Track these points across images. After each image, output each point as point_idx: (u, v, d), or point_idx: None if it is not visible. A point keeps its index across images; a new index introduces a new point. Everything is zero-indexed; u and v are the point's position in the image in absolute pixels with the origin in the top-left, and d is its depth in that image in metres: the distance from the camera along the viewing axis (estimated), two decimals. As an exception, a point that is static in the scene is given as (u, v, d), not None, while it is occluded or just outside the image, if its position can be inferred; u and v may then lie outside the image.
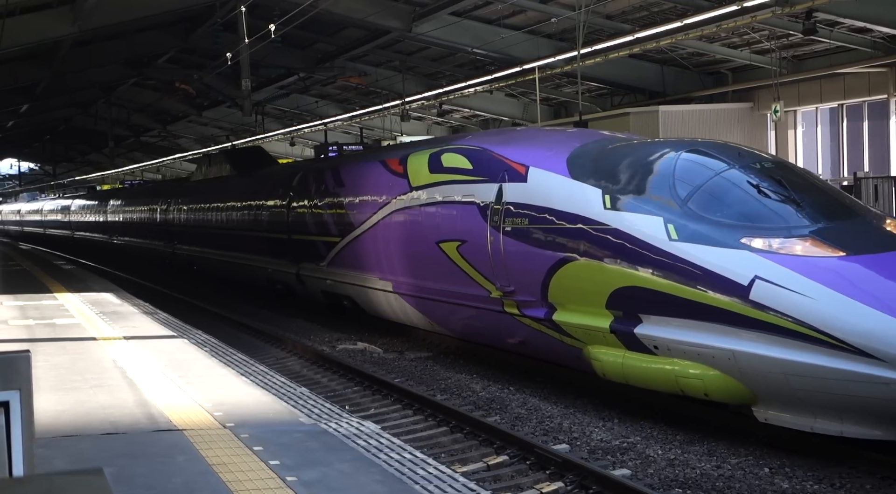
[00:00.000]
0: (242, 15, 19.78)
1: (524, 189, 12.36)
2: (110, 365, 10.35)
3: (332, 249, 18.67)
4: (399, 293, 15.88)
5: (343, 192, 18.48)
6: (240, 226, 25.81)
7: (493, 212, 12.80)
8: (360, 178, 17.98)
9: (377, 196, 16.63)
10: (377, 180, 16.88)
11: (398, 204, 15.71)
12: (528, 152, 12.88)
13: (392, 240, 15.97)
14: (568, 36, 24.45)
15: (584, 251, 11.05)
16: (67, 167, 76.40)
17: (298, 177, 21.64)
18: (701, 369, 9.80)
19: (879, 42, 22.37)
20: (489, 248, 12.82)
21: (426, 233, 14.64)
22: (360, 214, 17.33)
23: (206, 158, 33.85)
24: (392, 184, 16.11)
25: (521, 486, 9.03)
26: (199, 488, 5.88)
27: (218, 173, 30.33)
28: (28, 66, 28.33)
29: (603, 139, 12.79)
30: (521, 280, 12.30)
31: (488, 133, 15.29)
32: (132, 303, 17.21)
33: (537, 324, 12.14)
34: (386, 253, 16.23)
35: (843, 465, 9.05)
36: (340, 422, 8.06)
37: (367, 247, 17.02)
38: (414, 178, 15.37)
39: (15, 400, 2.81)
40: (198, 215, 30.41)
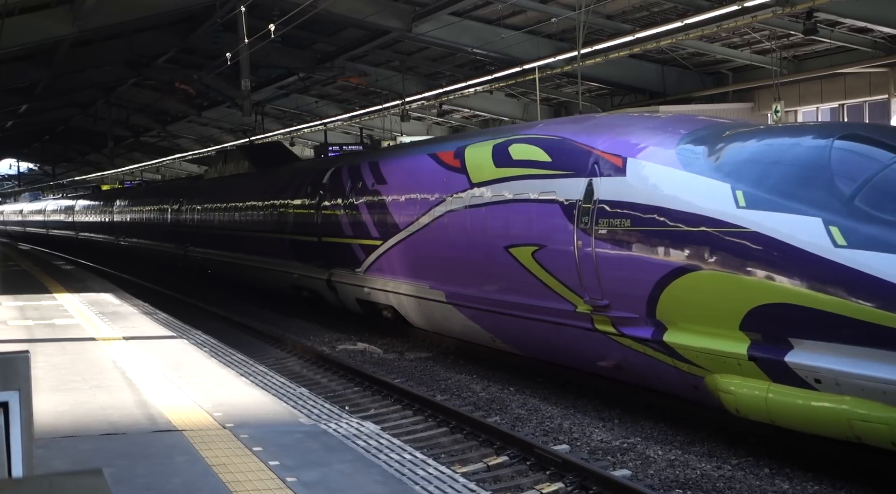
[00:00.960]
0: (242, 15, 19.76)
1: (623, 184, 10.51)
2: (110, 365, 10.34)
3: (372, 253, 17.05)
4: (454, 304, 14.19)
5: (385, 190, 16.76)
6: (260, 227, 24.13)
7: (581, 211, 11.01)
8: (405, 174, 16.25)
9: (427, 194, 14.94)
10: (427, 176, 15.19)
11: (455, 202, 14.04)
12: (625, 141, 10.93)
13: (446, 244, 14.33)
14: (568, 36, 24.43)
15: (711, 259, 9.19)
16: (67, 167, 76.39)
17: (331, 173, 19.90)
18: (888, 411, 7.84)
19: (880, 42, 22.36)
20: (576, 255, 11.04)
21: (492, 236, 12.94)
22: (406, 215, 15.71)
23: (222, 154, 31.98)
24: (446, 179, 14.44)
25: (522, 487, 9.02)
26: (199, 488, 5.86)
27: (235, 170, 28.75)
28: (28, 66, 28.31)
29: (713, 124, 10.96)
30: (618, 292, 10.49)
31: (563, 120, 13.41)
32: (131, 304, 17.20)
33: (640, 346, 10.29)
34: (439, 258, 14.66)
35: (844, 466, 9.04)
36: (340, 423, 8.05)
37: (416, 252, 15.44)
38: (475, 173, 13.70)
39: (14, 401, 2.80)
40: (213, 215, 28.73)
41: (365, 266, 17.37)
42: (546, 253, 11.73)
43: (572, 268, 11.17)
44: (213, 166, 32.22)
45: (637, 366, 10.66)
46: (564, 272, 11.36)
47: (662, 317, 9.91)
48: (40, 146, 63.61)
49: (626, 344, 10.54)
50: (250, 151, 29.28)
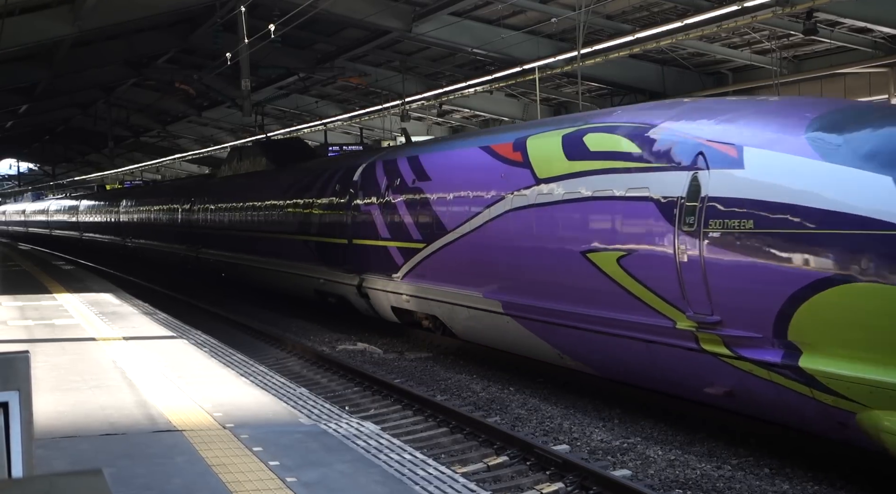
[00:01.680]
0: (242, 15, 19.76)
1: (740, 178, 8.92)
2: (110, 365, 10.34)
3: (412, 258, 15.55)
4: (514, 315, 12.70)
5: (429, 188, 15.29)
6: (281, 228, 22.55)
7: (683, 210, 9.49)
8: (453, 170, 14.81)
9: (481, 191, 13.51)
10: (480, 171, 13.74)
11: (516, 201, 12.56)
12: (738, 127, 9.36)
13: (505, 248, 12.80)
14: (568, 36, 24.43)
15: (870, 268, 7.68)
16: (67, 167, 76.40)
17: (363, 169, 18.32)
18: None
19: (880, 42, 22.36)
20: (677, 261, 9.51)
21: (564, 239, 11.43)
22: (454, 215, 14.28)
23: (237, 151, 30.15)
24: (505, 175, 12.99)
25: (522, 487, 9.02)
26: (199, 488, 5.86)
27: (252, 167, 27.16)
28: (28, 66, 28.31)
29: (848, 107, 9.66)
30: (735, 306, 8.94)
31: (646, 106, 11.62)
32: (131, 304, 17.19)
33: (764, 371, 8.71)
34: (495, 263, 13.13)
35: (844, 466, 9.04)
36: (340, 423, 8.05)
37: (467, 256, 13.94)
38: (541, 167, 12.17)
39: (14, 401, 2.80)
40: (228, 215, 27.22)
41: (403, 271, 15.93)
42: (636, 259, 10.18)
43: (671, 278, 9.62)
44: (228, 163, 30.54)
45: (758, 395, 9.02)
46: (661, 281, 9.80)
47: (797, 338, 8.31)
48: (40, 146, 63.60)
49: (745, 368, 8.92)
50: (268, 147, 27.57)
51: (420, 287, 15.39)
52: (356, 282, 17.95)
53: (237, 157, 29.22)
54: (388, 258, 16.50)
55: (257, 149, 27.69)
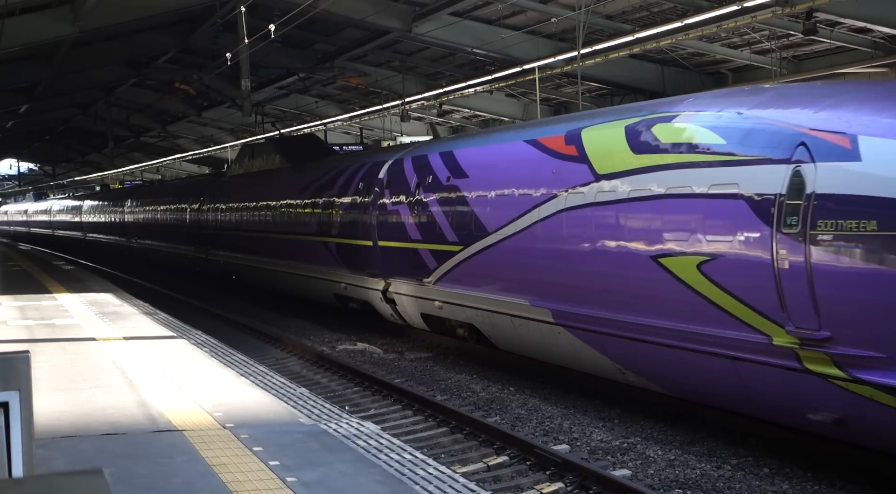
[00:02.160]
0: (242, 15, 19.76)
1: (857, 172, 7.86)
2: (110, 365, 10.34)
3: (447, 261, 14.47)
4: (565, 325, 11.67)
5: (466, 185, 14.20)
6: (298, 229, 21.47)
7: (784, 209, 8.37)
8: (494, 166, 13.69)
9: (528, 189, 12.38)
10: (527, 167, 12.65)
11: (571, 199, 11.42)
12: (848, 114, 8.27)
13: (557, 251, 11.70)
14: (568, 36, 24.44)
15: None
16: (67, 167, 76.38)
17: (390, 166, 17.28)
18: None
19: (880, 42, 22.37)
20: (774, 267, 8.41)
21: (631, 242, 10.36)
22: (496, 215, 13.17)
23: (249, 149, 28.67)
24: (557, 171, 11.86)
25: (522, 487, 9.02)
26: (199, 488, 5.86)
27: (265, 165, 25.79)
28: (28, 66, 28.31)
29: None
30: (851, 321, 7.86)
31: (727, 93, 10.58)
32: (132, 304, 17.20)
33: (890, 397, 7.66)
34: (544, 268, 12.06)
35: (844, 466, 9.04)
36: (340, 423, 8.05)
37: (511, 260, 12.86)
38: (601, 162, 11.05)
39: (14, 401, 2.80)
40: (240, 215, 26.09)
41: (436, 275, 14.85)
42: (721, 264, 9.04)
43: (767, 286, 8.50)
44: (238, 161, 29.13)
45: (878, 425, 7.94)
46: (752, 291, 8.72)
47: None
48: (40, 146, 63.62)
49: (862, 393, 7.85)
50: (282, 145, 26.26)
51: (455, 292, 14.32)
52: (381, 287, 16.98)
53: (249, 155, 27.89)
54: (419, 261, 15.41)
55: (271, 146, 26.33)
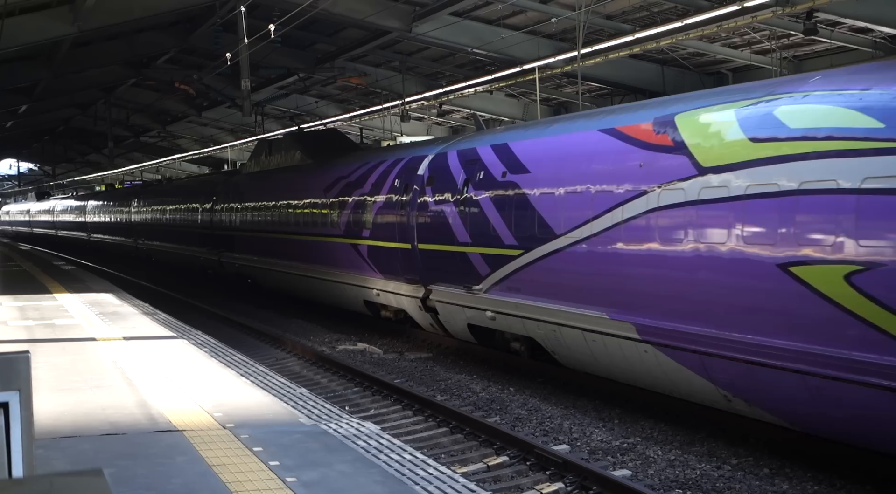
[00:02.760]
0: (242, 15, 19.75)
1: None
2: (110, 365, 10.34)
3: (502, 267, 13.10)
4: (656, 343, 10.21)
5: (527, 182, 12.75)
6: (323, 229, 20.09)
7: None
8: (563, 160, 12.21)
9: (608, 186, 10.89)
10: (605, 161, 11.21)
11: (665, 197, 9.95)
12: None
13: (646, 257, 10.23)
14: (568, 36, 24.44)
15: None
16: (67, 167, 76.36)
17: (431, 160, 15.89)
18: None
19: (880, 42, 22.37)
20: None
21: (750, 247, 8.92)
22: (566, 216, 11.69)
23: (266, 145, 26.94)
24: (646, 164, 10.38)
25: (522, 487, 9.02)
26: (199, 488, 5.86)
27: (284, 162, 24.39)
28: (28, 66, 28.31)
29: None
30: None
31: (862, 69, 9.51)
32: (132, 304, 17.19)
33: None
34: (630, 277, 10.56)
35: (844, 466, 9.04)
36: (340, 423, 8.05)
37: (585, 267, 11.38)
38: (706, 153, 9.61)
39: (14, 401, 2.80)
40: (256, 215, 24.75)
41: (489, 282, 13.51)
42: (881, 276, 7.67)
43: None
44: (255, 158, 27.32)
45: None
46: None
47: None
48: (40, 146, 63.59)
49: None
50: (304, 139, 24.64)
51: (512, 302, 12.90)
52: (421, 294, 15.65)
53: (266, 151, 26.18)
54: (468, 267, 14.08)
55: (291, 141, 24.70)
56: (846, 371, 7.93)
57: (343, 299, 19.60)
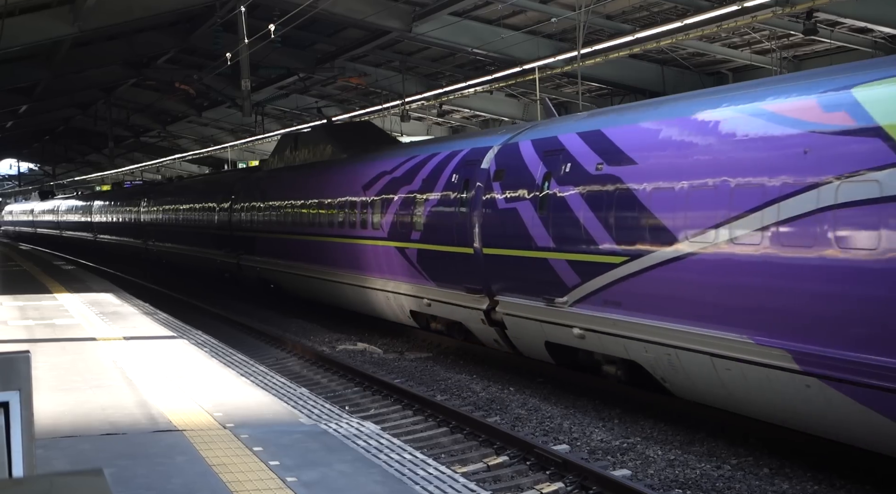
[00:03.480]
0: (242, 15, 19.75)
1: None
2: (110, 365, 10.35)
3: (598, 277, 11.12)
4: (826, 377, 8.25)
5: (633, 175, 10.73)
6: (358, 231, 18.30)
7: None
8: (684, 148, 10.21)
9: (755, 178, 9.01)
10: (749, 147, 9.29)
11: (846, 191, 8.06)
12: None
13: (816, 268, 8.32)
14: (568, 36, 24.44)
15: None
16: (67, 167, 76.38)
17: (498, 152, 14.01)
18: None
19: (880, 42, 22.37)
20: None
21: None
22: (692, 216, 9.77)
23: (291, 138, 25.03)
24: (812, 151, 8.48)
25: (522, 487, 9.02)
26: (199, 488, 5.87)
27: (313, 157, 22.68)
28: (28, 66, 28.32)
29: None
30: None
31: None
32: (132, 304, 17.20)
33: None
34: (788, 293, 8.65)
35: (844, 466, 9.05)
36: (340, 423, 8.05)
37: (720, 278, 9.41)
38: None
39: (15, 401, 2.81)
40: (281, 215, 22.92)
41: (578, 294, 11.59)
42: None
43: None
44: (278, 154, 25.41)
45: None
46: None
47: None
48: (40, 146, 63.61)
49: None
50: (336, 133, 22.82)
51: (610, 319, 10.99)
52: (484, 306, 13.85)
53: (291, 146, 24.35)
54: (548, 275, 12.18)
55: (321, 134, 22.79)
56: None
57: (384, 308, 17.72)
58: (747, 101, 9.66)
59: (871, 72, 8.55)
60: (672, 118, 10.71)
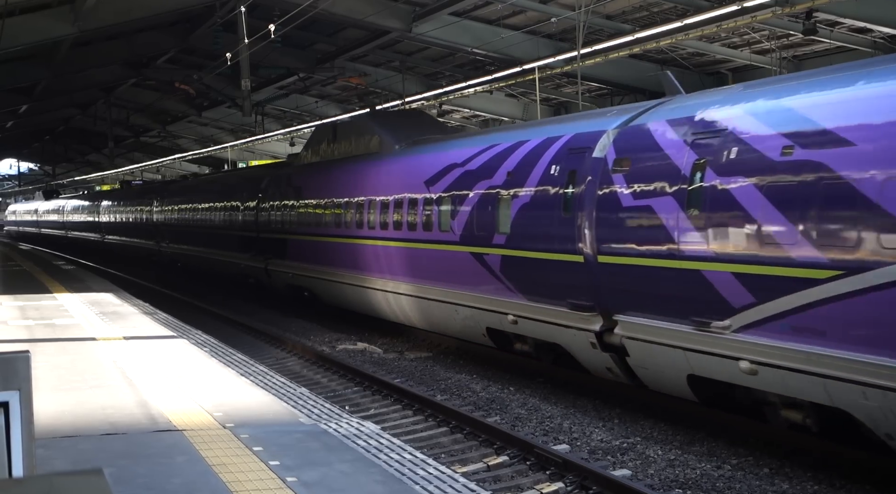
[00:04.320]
0: (242, 15, 19.76)
1: None
2: (110, 365, 10.35)
3: (785, 296, 8.62)
4: None
5: (849, 160, 8.18)
6: (417, 234, 15.97)
7: None
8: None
9: None
10: None
11: None
12: None
13: None
14: (568, 36, 24.46)
15: None
16: (67, 167, 76.41)
17: (618, 137, 11.48)
18: None
19: (880, 42, 22.38)
20: None
21: None
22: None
23: (329, 129, 22.29)
24: None
25: (522, 486, 9.02)
26: (199, 488, 5.87)
27: (356, 149, 20.09)
28: (28, 66, 28.33)
29: None
30: None
31: None
32: (132, 304, 17.20)
33: None
34: None
35: (844, 466, 9.05)
36: (340, 423, 8.05)
37: None
38: None
39: (15, 401, 2.81)
40: (318, 216, 20.80)
41: (749, 317, 9.07)
42: None
43: None
44: (313, 146, 22.79)
45: None
46: None
47: None
48: (40, 146, 63.64)
49: None
50: (382, 121, 20.16)
51: (802, 352, 8.48)
52: (597, 326, 11.43)
53: (329, 138, 21.78)
54: (702, 292, 9.64)
55: (366, 124, 20.17)
56: None
57: (450, 324, 15.34)
58: None
59: None
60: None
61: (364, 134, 19.80)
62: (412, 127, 19.14)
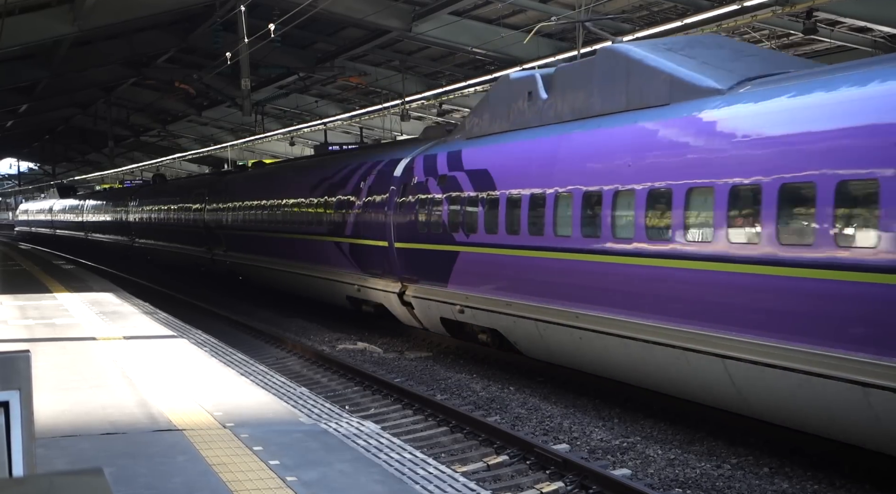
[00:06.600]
0: (242, 15, 19.75)
1: None
2: (110, 364, 10.35)
3: None
4: None
5: None
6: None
7: None
8: None
9: None
10: None
11: None
12: None
13: None
14: (568, 36, 24.44)
15: None
16: (67, 167, 76.42)
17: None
18: None
19: (880, 41, 22.37)
20: None
21: None
22: None
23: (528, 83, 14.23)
24: None
25: (521, 486, 9.02)
26: (199, 488, 5.87)
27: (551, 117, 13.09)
28: (28, 66, 28.33)
29: None
30: None
31: None
32: (132, 303, 17.20)
33: None
34: None
35: (844, 466, 9.05)
36: (340, 422, 8.05)
37: None
38: None
39: (15, 400, 2.81)
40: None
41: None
42: None
43: None
44: (480, 115, 15.38)
45: None
46: None
47: None
48: (40, 146, 63.65)
49: None
50: None
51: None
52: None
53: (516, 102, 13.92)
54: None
55: None
56: None
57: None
58: None
59: None
60: None
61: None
62: None
